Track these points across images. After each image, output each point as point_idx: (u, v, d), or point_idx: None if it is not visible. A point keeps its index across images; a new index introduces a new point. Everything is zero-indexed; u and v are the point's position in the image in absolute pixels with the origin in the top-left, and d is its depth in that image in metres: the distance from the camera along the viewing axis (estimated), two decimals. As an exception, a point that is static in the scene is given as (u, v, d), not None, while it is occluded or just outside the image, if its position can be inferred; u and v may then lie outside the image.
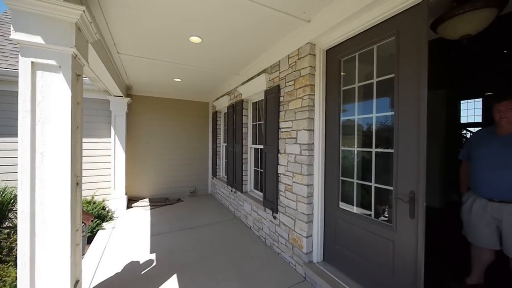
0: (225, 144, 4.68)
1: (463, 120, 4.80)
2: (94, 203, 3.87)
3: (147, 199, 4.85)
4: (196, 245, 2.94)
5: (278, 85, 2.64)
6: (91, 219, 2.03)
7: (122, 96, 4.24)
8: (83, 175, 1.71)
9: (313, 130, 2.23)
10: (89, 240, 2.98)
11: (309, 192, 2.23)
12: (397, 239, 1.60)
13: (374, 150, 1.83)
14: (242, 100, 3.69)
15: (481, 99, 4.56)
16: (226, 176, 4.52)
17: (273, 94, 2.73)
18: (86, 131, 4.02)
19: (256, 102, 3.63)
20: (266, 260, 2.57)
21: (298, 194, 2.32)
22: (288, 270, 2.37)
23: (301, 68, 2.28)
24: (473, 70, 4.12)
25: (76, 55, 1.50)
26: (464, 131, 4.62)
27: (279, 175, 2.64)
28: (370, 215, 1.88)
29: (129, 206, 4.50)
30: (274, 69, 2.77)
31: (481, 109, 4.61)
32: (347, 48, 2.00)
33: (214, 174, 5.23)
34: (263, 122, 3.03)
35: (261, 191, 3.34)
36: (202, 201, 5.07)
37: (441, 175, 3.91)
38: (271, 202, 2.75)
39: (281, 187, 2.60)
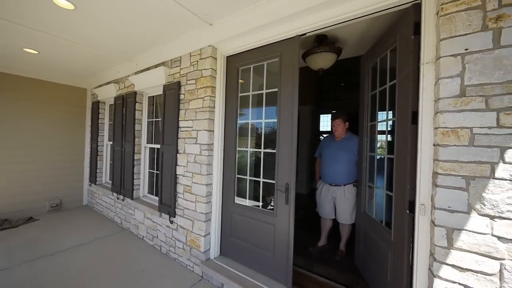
0: (111, 143, 3.85)
1: (321, 128, 6.69)
2: None
3: (-41, 226, 3.11)
4: (59, 276, 2.22)
5: (179, 82, 2.52)
6: None
7: None
8: None
9: (213, 131, 2.31)
10: None
11: (208, 192, 2.29)
12: (277, 223, 1.98)
13: (263, 150, 2.16)
14: (135, 92, 3.20)
15: (330, 114, 6.57)
16: (111, 182, 3.72)
17: (173, 91, 2.57)
18: None
19: (153, 96, 3.27)
20: (161, 270, 2.37)
21: (198, 195, 2.32)
22: (185, 274, 2.31)
23: (203, 69, 2.30)
24: (327, 94, 5.88)
25: None
26: (321, 136, 6.44)
27: (177, 176, 2.52)
28: (259, 206, 2.20)
29: None
30: (175, 64, 2.62)
31: (330, 121, 6.63)
32: (244, 59, 2.24)
33: (93, 180, 4.17)
34: (161, 119, 2.78)
35: (156, 195, 3.03)
36: (73, 216, 3.90)
37: (308, 169, 5.22)
38: (168, 206, 2.58)
39: (180, 188, 2.50)
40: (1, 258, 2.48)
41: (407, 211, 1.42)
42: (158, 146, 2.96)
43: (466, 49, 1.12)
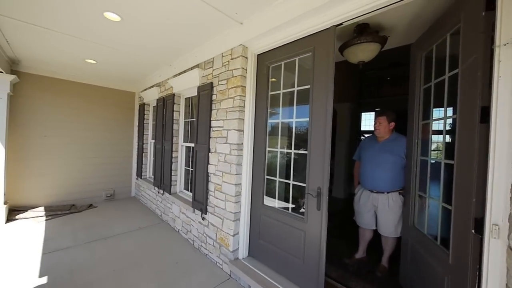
0: (153, 141, 4.22)
1: (363, 128, 6.11)
2: None
3: (42, 208, 3.82)
4: (109, 258, 2.52)
5: (211, 83, 2.58)
6: None
7: (1, 72, 3.16)
8: None
9: (243, 131, 2.30)
10: None
11: (237, 191, 2.28)
12: (308, 229, 1.85)
13: (293, 151, 2.05)
14: (174, 94, 3.42)
15: (373, 112, 5.95)
16: (153, 177, 4.08)
17: (206, 91, 2.65)
18: None
19: (189, 97, 3.44)
20: (192, 264, 2.47)
21: (227, 194, 2.34)
22: (214, 271, 2.36)
23: (234, 69, 2.30)
24: (370, 90, 5.32)
25: None
26: (362, 137, 5.88)
27: (209, 174, 2.59)
28: (288, 209, 2.09)
29: (10, 218, 3.42)
30: (208, 66, 2.69)
31: (373, 120, 6.02)
32: (275, 56, 2.15)
33: (139, 174, 4.64)
34: (195, 119, 2.90)
35: (191, 191, 3.19)
36: (123, 205, 4.41)
37: (345, 171, 4.82)
38: (200, 203, 2.67)
39: (211, 187, 2.56)
40: (68, 238, 2.94)
41: (472, 231, 1.14)
42: (192, 144, 3.11)
43: None
